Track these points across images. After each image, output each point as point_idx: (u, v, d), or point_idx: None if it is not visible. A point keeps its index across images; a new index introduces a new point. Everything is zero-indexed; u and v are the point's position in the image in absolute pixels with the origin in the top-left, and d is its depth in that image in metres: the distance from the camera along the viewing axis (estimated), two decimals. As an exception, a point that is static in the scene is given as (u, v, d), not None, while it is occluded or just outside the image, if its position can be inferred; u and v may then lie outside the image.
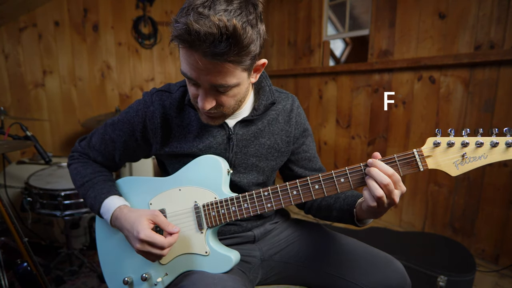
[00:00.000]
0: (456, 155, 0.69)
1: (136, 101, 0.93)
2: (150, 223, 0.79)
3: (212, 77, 0.69)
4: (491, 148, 0.66)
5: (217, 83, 0.70)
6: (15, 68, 2.61)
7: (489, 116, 1.94)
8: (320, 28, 2.99)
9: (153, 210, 0.82)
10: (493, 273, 1.90)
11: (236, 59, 0.67)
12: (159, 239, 0.75)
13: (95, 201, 0.88)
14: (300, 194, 0.77)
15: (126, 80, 3.23)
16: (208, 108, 0.75)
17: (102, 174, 0.95)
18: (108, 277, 0.93)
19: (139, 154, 0.98)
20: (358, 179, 0.74)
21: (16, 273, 1.13)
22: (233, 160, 0.90)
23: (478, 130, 0.68)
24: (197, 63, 0.67)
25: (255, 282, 0.95)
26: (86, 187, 0.92)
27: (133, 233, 0.78)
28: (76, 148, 1.01)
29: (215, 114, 0.80)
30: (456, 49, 2.04)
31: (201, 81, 0.71)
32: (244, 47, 0.65)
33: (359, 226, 0.86)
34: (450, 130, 0.69)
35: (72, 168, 0.98)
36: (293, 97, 1.00)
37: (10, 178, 2.01)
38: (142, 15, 3.19)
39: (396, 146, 2.46)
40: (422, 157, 0.71)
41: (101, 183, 0.91)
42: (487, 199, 2.00)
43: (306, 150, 1.02)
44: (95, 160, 0.99)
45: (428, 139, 0.71)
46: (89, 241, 2.10)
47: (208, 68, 0.68)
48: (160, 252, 0.76)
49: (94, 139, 0.97)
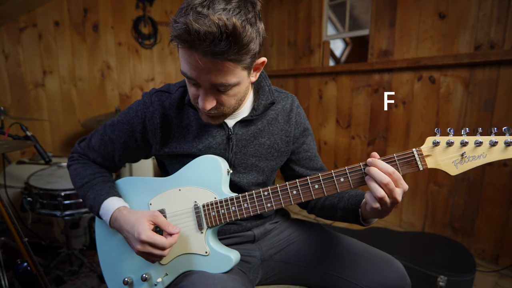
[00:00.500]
0: (455, 154, 0.69)
1: (135, 101, 0.92)
2: (150, 224, 0.79)
3: (212, 77, 0.69)
4: (490, 147, 0.66)
5: (218, 82, 0.70)
6: (15, 68, 2.61)
7: (489, 116, 1.94)
8: (320, 28, 2.99)
9: (152, 211, 0.82)
10: (493, 273, 1.90)
11: (236, 57, 0.67)
12: (160, 239, 0.75)
13: (94, 202, 0.88)
14: (300, 193, 0.77)
15: (126, 80, 3.23)
16: (208, 108, 0.75)
17: (102, 175, 0.95)
18: (108, 278, 0.93)
19: (139, 154, 0.98)
20: (358, 178, 0.74)
21: (16, 273, 1.13)
22: (232, 160, 0.90)
23: (478, 130, 0.68)
24: (197, 62, 0.67)
25: (255, 282, 0.95)
26: (85, 188, 0.92)
27: (133, 234, 0.77)
28: (75, 149, 1.01)
29: (215, 114, 0.80)
30: (456, 49, 2.04)
31: (202, 81, 0.71)
32: (244, 46, 0.66)
33: (365, 225, 0.86)
34: (449, 130, 0.69)
35: (71, 169, 0.98)
36: (292, 96, 1.00)
37: (10, 178, 2.01)
38: (142, 15, 3.18)
39: (396, 146, 2.46)
40: (422, 156, 0.71)
41: (100, 184, 0.91)
42: (487, 199, 2.00)
43: (307, 150, 1.02)
44: (95, 161, 0.99)
45: (427, 139, 0.71)
46: (89, 241, 2.10)
47: (208, 67, 0.68)
48: (161, 252, 0.76)
49: (94, 140, 0.97)
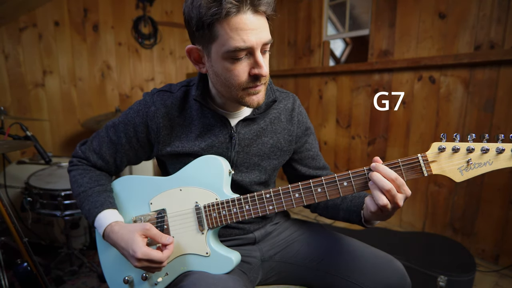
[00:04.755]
0: (461, 161, 0.68)
1: (136, 102, 0.92)
2: (143, 238, 0.78)
3: (263, 33, 0.73)
4: (497, 154, 0.66)
5: (268, 39, 0.75)
6: (15, 68, 2.61)
7: (489, 116, 1.94)
8: (320, 28, 2.99)
9: (143, 224, 0.80)
10: (493, 273, 1.90)
11: (271, 14, 0.75)
12: (156, 255, 0.74)
13: (89, 214, 0.86)
14: (302, 197, 0.77)
15: (126, 80, 3.23)
16: (267, 70, 0.77)
17: (98, 184, 0.92)
18: (109, 276, 0.93)
19: (141, 156, 0.97)
20: (361, 183, 0.74)
21: (16, 273, 1.13)
22: (235, 159, 0.90)
23: (484, 136, 0.67)
24: (249, 21, 0.70)
25: (255, 283, 0.95)
26: (81, 198, 0.90)
27: (129, 252, 0.76)
28: (76, 153, 0.99)
29: (263, 87, 0.81)
30: (456, 49, 2.04)
31: (256, 43, 0.73)
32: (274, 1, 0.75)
33: (367, 227, 0.86)
34: (455, 135, 0.68)
35: (71, 176, 0.96)
36: (294, 96, 1.00)
37: (10, 178, 2.01)
38: (142, 15, 3.18)
39: (396, 146, 2.46)
40: (427, 162, 0.70)
41: (96, 195, 0.89)
42: (487, 199, 2.00)
43: (309, 149, 1.02)
44: (95, 164, 0.96)
45: (432, 144, 0.70)
46: (89, 241, 2.10)
47: (258, 24, 0.72)
48: (159, 266, 0.76)
49: (95, 142, 0.96)
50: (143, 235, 0.78)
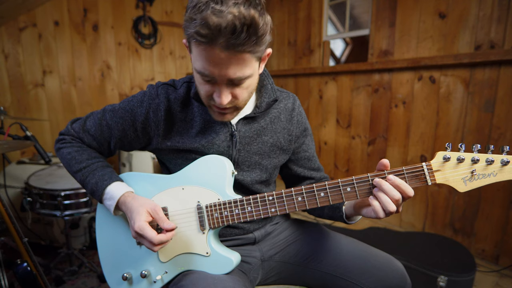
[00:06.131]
0: (466, 171, 0.68)
1: (140, 92, 0.92)
2: (148, 215, 0.79)
3: (230, 70, 0.70)
4: (502, 166, 0.66)
5: (235, 76, 0.72)
6: (15, 68, 2.61)
7: (489, 116, 1.94)
8: (320, 28, 2.99)
9: (155, 204, 0.81)
10: (493, 273, 1.90)
11: (253, 48, 0.69)
12: (149, 233, 0.75)
13: (97, 187, 0.86)
14: (305, 201, 0.77)
15: (126, 80, 3.23)
16: (226, 102, 0.75)
17: (99, 160, 0.93)
18: (107, 272, 0.93)
19: (135, 145, 0.96)
20: (364, 189, 0.74)
21: (16, 273, 1.13)
22: (236, 157, 0.90)
23: (489, 147, 0.67)
24: (217, 57, 0.68)
25: (255, 283, 0.95)
26: (84, 173, 0.89)
27: (131, 221, 0.79)
28: (67, 131, 0.96)
29: (229, 110, 0.80)
30: (456, 49, 2.04)
31: (220, 76, 0.72)
32: (260, 36, 0.68)
33: (348, 223, 0.88)
34: (460, 145, 0.69)
35: (64, 152, 0.93)
36: (294, 96, 1.01)
37: (10, 178, 2.01)
38: (142, 15, 3.18)
39: (396, 146, 2.46)
40: (431, 171, 0.70)
41: (101, 169, 0.90)
42: (487, 199, 2.00)
43: (306, 150, 1.03)
44: (90, 146, 0.95)
45: (437, 153, 0.70)
46: (89, 241, 2.10)
47: (227, 60, 0.69)
48: (151, 246, 0.76)
49: (89, 123, 0.94)
50: (149, 212, 0.80)
